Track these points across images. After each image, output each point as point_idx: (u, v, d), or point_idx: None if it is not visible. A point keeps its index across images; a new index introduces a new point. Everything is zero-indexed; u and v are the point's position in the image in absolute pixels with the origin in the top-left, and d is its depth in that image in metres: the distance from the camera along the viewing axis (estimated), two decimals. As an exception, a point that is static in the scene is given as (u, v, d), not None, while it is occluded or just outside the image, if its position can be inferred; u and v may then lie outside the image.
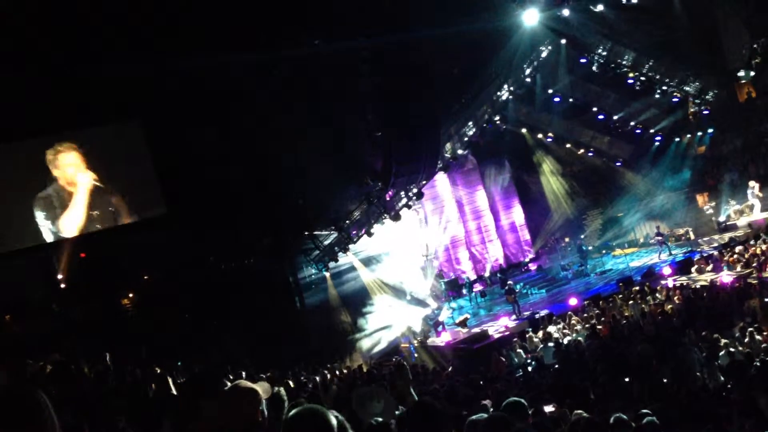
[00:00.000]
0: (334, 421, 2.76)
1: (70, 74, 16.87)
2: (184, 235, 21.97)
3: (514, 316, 21.35)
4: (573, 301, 20.72)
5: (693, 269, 21.58)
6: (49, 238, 20.78)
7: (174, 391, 5.74)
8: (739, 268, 19.69)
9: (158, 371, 9.78)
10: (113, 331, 19.93)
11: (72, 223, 20.93)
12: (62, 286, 21.69)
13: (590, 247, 28.46)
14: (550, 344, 16.60)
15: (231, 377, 11.84)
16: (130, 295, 23.76)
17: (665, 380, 10.94)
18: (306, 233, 24.92)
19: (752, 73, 26.28)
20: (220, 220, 22.33)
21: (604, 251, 29.42)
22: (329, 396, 12.26)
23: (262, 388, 3.41)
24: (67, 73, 16.84)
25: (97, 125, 20.79)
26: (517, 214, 30.83)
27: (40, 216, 20.57)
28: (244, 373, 13.91)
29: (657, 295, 19.00)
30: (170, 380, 6.22)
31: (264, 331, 21.77)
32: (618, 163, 30.47)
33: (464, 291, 26.75)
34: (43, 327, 19.86)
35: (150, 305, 22.77)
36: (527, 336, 18.29)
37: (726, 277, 18.13)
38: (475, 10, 20.52)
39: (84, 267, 21.82)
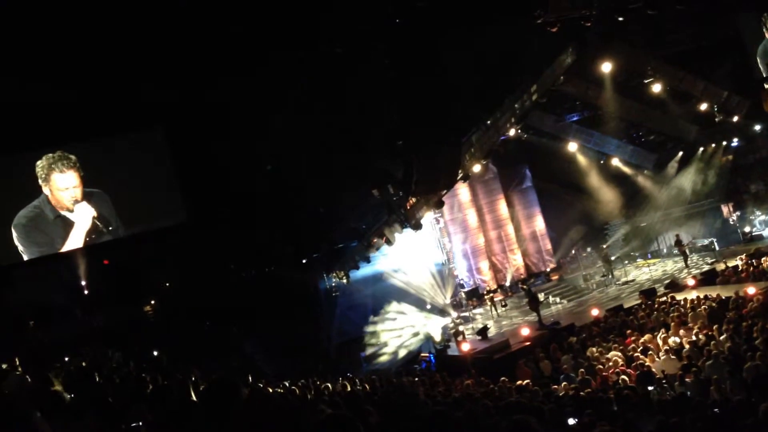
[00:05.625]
0: (361, 427, 2.78)
1: (91, 80, 16.90)
2: (205, 243, 22.11)
3: (537, 326, 21.19)
4: (595, 312, 20.54)
5: (717, 280, 21.31)
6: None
7: (194, 398, 5.76)
8: (764, 280, 19.40)
9: (179, 377, 9.82)
10: (135, 337, 20.08)
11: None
12: (85, 292, 21.92)
13: (613, 258, 28.20)
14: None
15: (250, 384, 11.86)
16: (152, 301, 23.94)
17: (689, 392, 10.81)
18: (327, 242, 24.98)
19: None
20: (240, 228, 22.44)
21: (626, 261, 29.16)
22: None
23: None
24: (88, 79, 16.85)
25: (119, 133, 20.74)
26: (538, 223, 30.64)
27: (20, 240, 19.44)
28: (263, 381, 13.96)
29: (680, 306, 18.75)
30: (191, 386, 6.25)
31: (284, 339, 21.82)
32: (642, 173, 30.21)
33: (485, 300, 26.61)
34: (66, 333, 20.04)
35: (171, 312, 22.92)
36: (551, 347, 18.09)
37: (751, 288, 17.85)
38: (499, 19, 20.42)
39: (107, 274, 22.04)
